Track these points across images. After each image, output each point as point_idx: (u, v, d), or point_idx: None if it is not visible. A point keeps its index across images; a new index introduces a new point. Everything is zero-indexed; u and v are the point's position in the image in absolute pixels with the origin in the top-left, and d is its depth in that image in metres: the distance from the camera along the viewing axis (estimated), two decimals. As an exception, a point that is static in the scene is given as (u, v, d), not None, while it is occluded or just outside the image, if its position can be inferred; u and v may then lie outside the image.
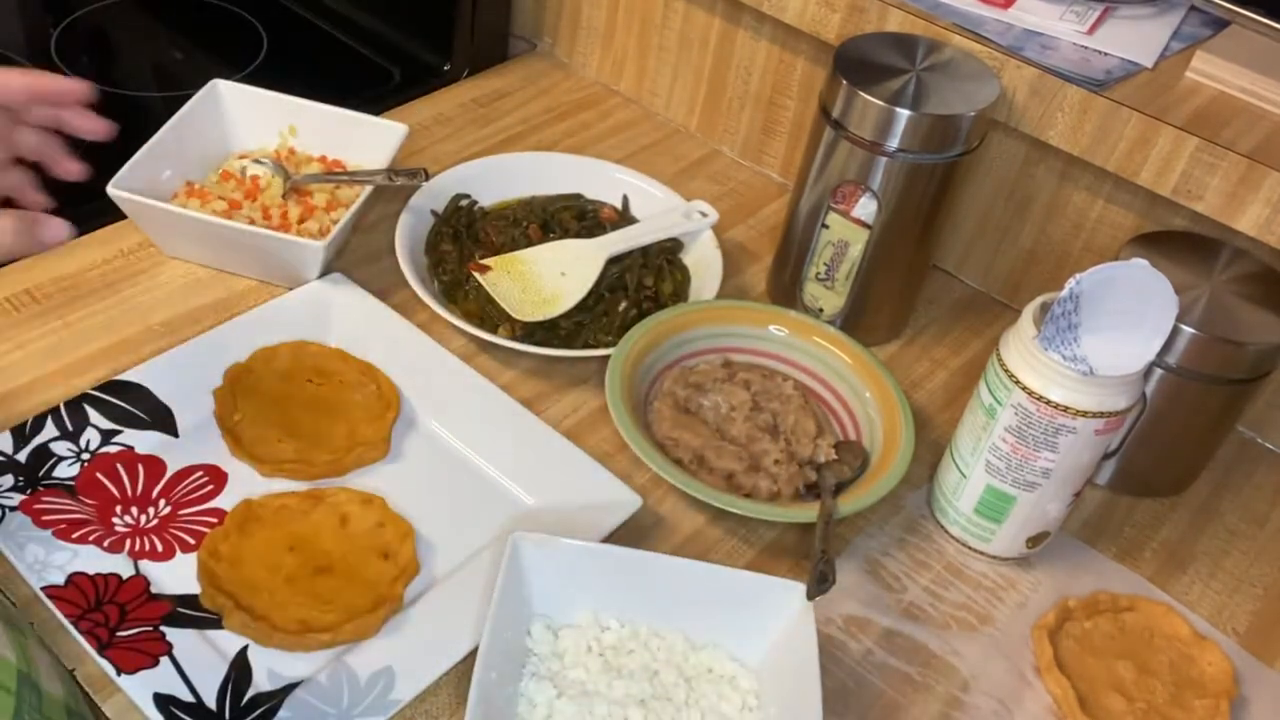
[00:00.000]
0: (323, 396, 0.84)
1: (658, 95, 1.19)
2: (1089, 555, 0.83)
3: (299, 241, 0.87)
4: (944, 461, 0.82)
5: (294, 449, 0.79)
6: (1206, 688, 0.75)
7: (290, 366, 0.84)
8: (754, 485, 0.81)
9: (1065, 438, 0.73)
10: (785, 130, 1.11)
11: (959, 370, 0.96)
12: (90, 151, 0.79)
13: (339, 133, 0.99)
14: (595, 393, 0.88)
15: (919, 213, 0.89)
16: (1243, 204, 0.83)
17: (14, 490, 0.73)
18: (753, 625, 0.71)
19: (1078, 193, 0.95)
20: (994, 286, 1.04)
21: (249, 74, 1.18)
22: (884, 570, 0.80)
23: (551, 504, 0.79)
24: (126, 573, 0.71)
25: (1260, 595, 0.83)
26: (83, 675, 0.67)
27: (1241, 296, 0.81)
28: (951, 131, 0.85)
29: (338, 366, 0.85)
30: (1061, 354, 0.71)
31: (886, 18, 0.94)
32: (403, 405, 0.84)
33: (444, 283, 0.94)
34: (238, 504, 0.75)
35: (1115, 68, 0.89)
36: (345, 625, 0.69)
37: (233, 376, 0.82)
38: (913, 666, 0.75)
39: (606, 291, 0.93)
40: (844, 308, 0.94)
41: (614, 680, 0.68)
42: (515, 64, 1.24)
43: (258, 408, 0.81)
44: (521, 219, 0.97)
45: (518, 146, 1.11)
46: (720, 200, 1.07)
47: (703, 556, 0.78)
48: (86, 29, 1.25)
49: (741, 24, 1.09)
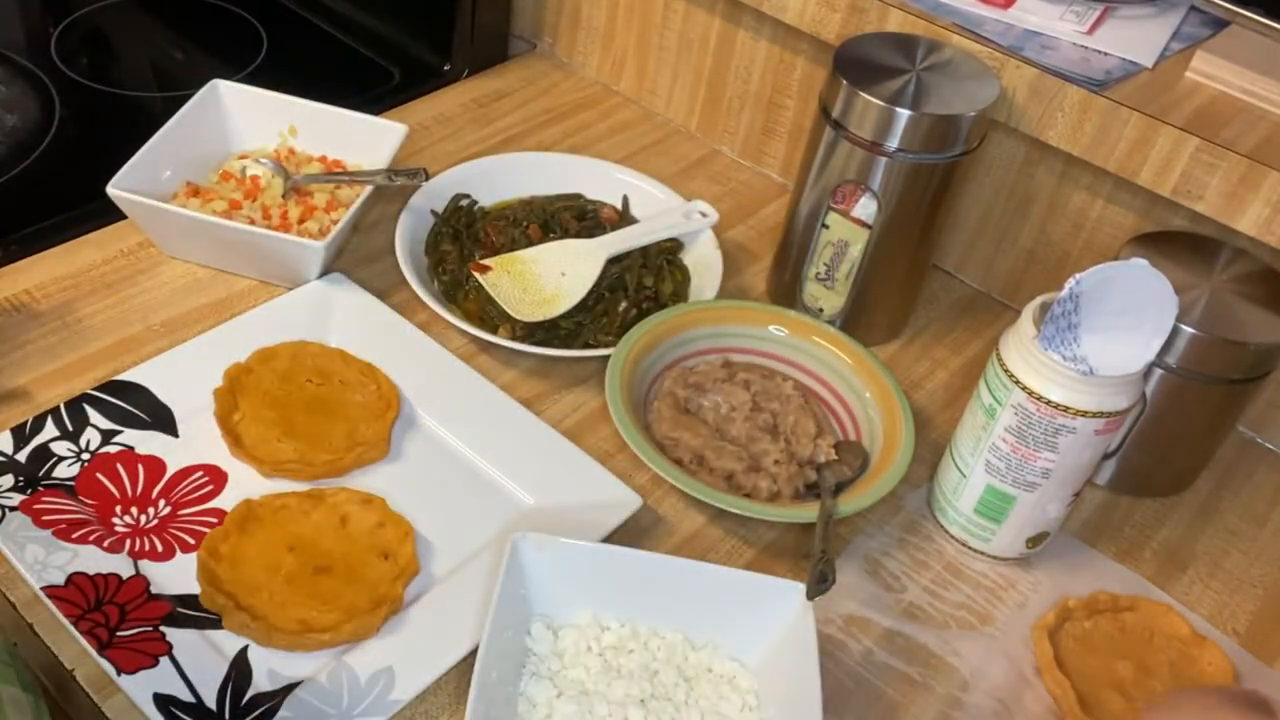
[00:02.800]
0: (323, 397, 0.83)
1: (658, 95, 1.19)
2: (1089, 555, 0.83)
3: (299, 241, 0.87)
4: (944, 461, 0.82)
5: (294, 449, 0.79)
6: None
7: (290, 367, 0.84)
8: (754, 485, 0.81)
9: (1065, 438, 0.73)
10: (785, 130, 1.11)
11: (959, 370, 0.96)
12: (90, 151, 0.79)
13: (339, 133, 0.99)
14: (595, 393, 0.88)
15: (919, 213, 0.89)
16: (1243, 204, 0.83)
17: (14, 490, 0.73)
18: (753, 625, 0.70)
19: (1078, 193, 0.95)
20: (994, 286, 1.04)
21: (249, 74, 1.18)
22: (884, 570, 0.80)
23: (551, 504, 0.79)
24: (126, 573, 0.71)
25: (1260, 595, 0.83)
26: (83, 675, 0.67)
27: (1241, 296, 0.81)
28: (951, 131, 0.85)
29: (338, 367, 0.85)
30: (1061, 354, 0.71)
31: (886, 18, 0.94)
32: (402, 405, 0.84)
33: (444, 283, 0.94)
34: (238, 504, 0.75)
35: (1115, 68, 0.89)
36: (345, 625, 0.69)
37: (233, 376, 0.82)
38: (913, 666, 0.75)
39: (606, 291, 0.93)
40: (844, 308, 0.94)
41: (614, 680, 0.68)
42: (515, 64, 1.24)
43: (258, 408, 0.81)
44: (521, 219, 0.97)
45: (518, 146, 1.12)
46: (720, 200, 1.07)
47: (703, 556, 0.79)
48: (86, 29, 1.25)
49: (741, 24, 1.09)
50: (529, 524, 0.77)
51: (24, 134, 1.07)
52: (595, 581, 0.71)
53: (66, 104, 1.11)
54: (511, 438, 0.82)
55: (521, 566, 0.70)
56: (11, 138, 1.07)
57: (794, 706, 0.66)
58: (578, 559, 0.71)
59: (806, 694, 0.66)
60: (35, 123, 1.09)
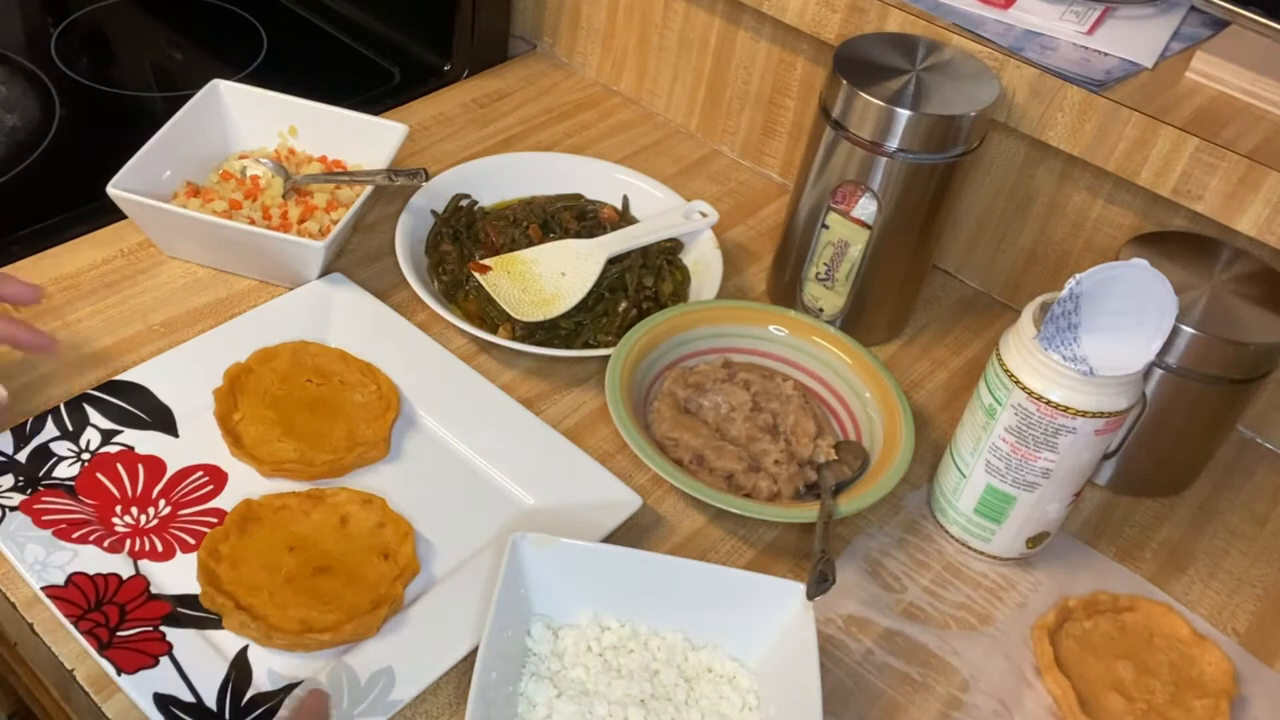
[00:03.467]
0: (323, 397, 0.83)
1: (658, 95, 1.19)
2: (1089, 555, 0.83)
3: (299, 241, 0.87)
4: (944, 461, 0.82)
5: (294, 449, 0.79)
6: (1206, 688, 0.75)
7: (290, 367, 0.84)
8: (754, 485, 0.81)
9: (1065, 438, 0.73)
10: (785, 130, 1.11)
11: (959, 370, 0.96)
12: (90, 151, 0.79)
13: (339, 133, 0.99)
14: (595, 393, 0.88)
15: (919, 213, 0.89)
16: (1243, 204, 0.83)
17: (14, 490, 0.73)
18: (753, 625, 0.70)
19: (1078, 193, 0.95)
20: (994, 286, 1.04)
21: (249, 74, 1.18)
22: (884, 570, 0.80)
23: (551, 504, 0.79)
24: (126, 573, 0.71)
25: (1260, 595, 0.83)
26: (83, 675, 0.67)
27: (1241, 296, 0.81)
28: (951, 131, 0.85)
29: (338, 367, 0.85)
30: (1061, 354, 0.71)
31: (886, 18, 0.94)
32: (403, 405, 0.84)
33: (444, 283, 0.94)
34: (238, 504, 0.75)
35: (1115, 68, 0.89)
36: (345, 625, 0.69)
37: (233, 376, 0.82)
38: (913, 666, 0.75)
39: (606, 291, 0.93)
40: (844, 308, 0.94)
41: (614, 680, 0.68)
42: (515, 64, 1.24)
43: (258, 408, 0.81)
44: (521, 219, 0.97)
45: (518, 146, 1.12)
46: (720, 200, 1.07)
47: (703, 556, 0.79)
48: (86, 29, 1.25)
49: (741, 24, 1.09)
50: (529, 524, 0.77)
51: (24, 134, 1.07)
52: (595, 581, 0.71)
53: (66, 104, 1.11)
54: (511, 438, 0.82)
55: (521, 566, 0.70)
56: (11, 138, 1.07)
57: (794, 706, 0.66)
58: (578, 559, 0.71)
59: (806, 694, 0.66)
60: (35, 123, 1.09)
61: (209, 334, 0.85)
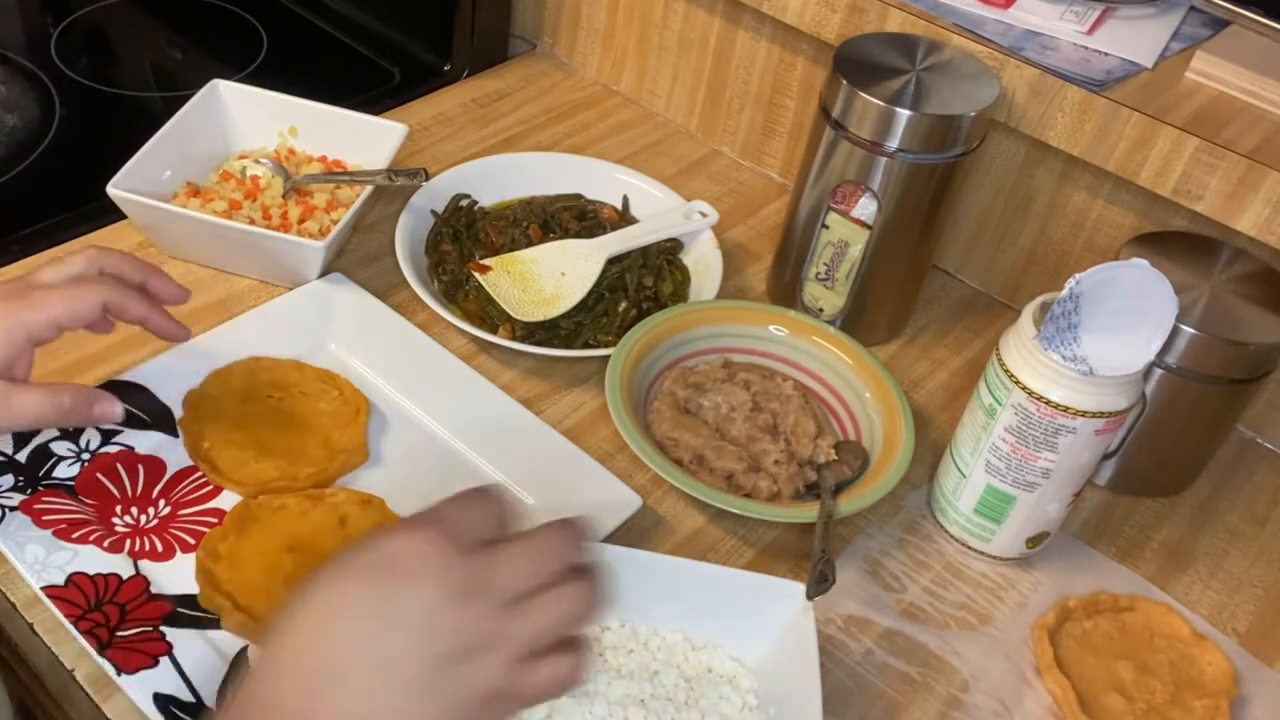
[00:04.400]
0: (287, 410, 0.81)
1: (658, 95, 1.19)
2: (1089, 555, 0.83)
3: (299, 241, 0.87)
4: (944, 461, 0.82)
5: (274, 467, 0.77)
6: (1206, 688, 0.75)
7: (247, 384, 0.82)
8: (754, 485, 0.81)
9: (1065, 438, 0.73)
10: (785, 130, 1.11)
11: (959, 370, 0.96)
12: (90, 151, 0.79)
13: (339, 133, 0.99)
14: (595, 393, 0.88)
15: (919, 213, 0.89)
16: (1243, 204, 0.83)
17: (14, 490, 0.73)
18: (753, 625, 0.70)
19: (1078, 193, 0.95)
20: (994, 286, 1.04)
21: (249, 74, 1.18)
22: (884, 570, 0.80)
23: (551, 504, 0.79)
24: (126, 573, 0.71)
25: (1260, 595, 0.83)
26: (83, 675, 0.67)
27: (1241, 296, 0.81)
28: (951, 131, 0.85)
29: (295, 377, 0.83)
30: (1061, 354, 0.71)
31: (886, 18, 0.94)
32: (402, 406, 0.84)
33: (444, 283, 0.94)
34: (237, 504, 0.75)
35: (1115, 68, 0.89)
36: (345, 625, 0.69)
37: (192, 404, 0.80)
38: (913, 666, 0.75)
39: (606, 291, 0.93)
40: (844, 308, 0.94)
41: (614, 680, 0.68)
42: (515, 64, 1.24)
43: (225, 431, 0.79)
44: (521, 219, 0.97)
45: (518, 146, 1.12)
46: (720, 200, 1.07)
47: (703, 556, 0.79)
48: (86, 29, 1.25)
49: (741, 24, 1.09)
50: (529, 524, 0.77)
51: (24, 134, 1.07)
52: (595, 581, 0.71)
53: (66, 104, 1.11)
54: (511, 438, 0.82)
55: (521, 566, 0.70)
56: (11, 138, 1.07)
57: (794, 706, 0.66)
58: (578, 559, 0.70)
59: (806, 694, 0.66)
60: (35, 123, 1.09)
61: (209, 334, 0.85)
